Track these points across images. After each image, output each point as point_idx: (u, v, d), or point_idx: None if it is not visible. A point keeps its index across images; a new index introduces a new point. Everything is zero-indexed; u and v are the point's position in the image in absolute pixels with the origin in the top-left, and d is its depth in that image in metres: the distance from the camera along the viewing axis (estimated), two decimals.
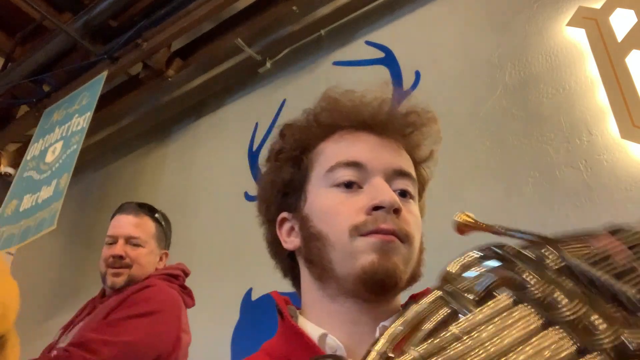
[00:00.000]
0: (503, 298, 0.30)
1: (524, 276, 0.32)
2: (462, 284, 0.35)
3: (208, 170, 2.79)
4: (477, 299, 0.32)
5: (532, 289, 0.31)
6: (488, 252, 0.38)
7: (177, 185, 2.90)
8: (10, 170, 3.52)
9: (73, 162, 2.46)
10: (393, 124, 0.71)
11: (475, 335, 0.27)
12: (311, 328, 0.63)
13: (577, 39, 1.77)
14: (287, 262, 0.72)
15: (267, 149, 0.77)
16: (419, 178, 0.73)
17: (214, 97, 3.04)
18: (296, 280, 0.72)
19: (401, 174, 0.68)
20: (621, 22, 1.69)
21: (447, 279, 0.35)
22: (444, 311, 0.31)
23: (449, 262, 0.37)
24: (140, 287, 1.46)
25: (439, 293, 0.33)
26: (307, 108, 0.75)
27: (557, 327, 0.28)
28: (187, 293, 1.61)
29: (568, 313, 0.29)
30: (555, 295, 0.30)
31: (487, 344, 0.27)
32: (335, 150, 0.68)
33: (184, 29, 2.66)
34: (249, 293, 2.19)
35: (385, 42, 2.35)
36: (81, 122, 2.65)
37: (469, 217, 0.51)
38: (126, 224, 1.60)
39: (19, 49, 3.45)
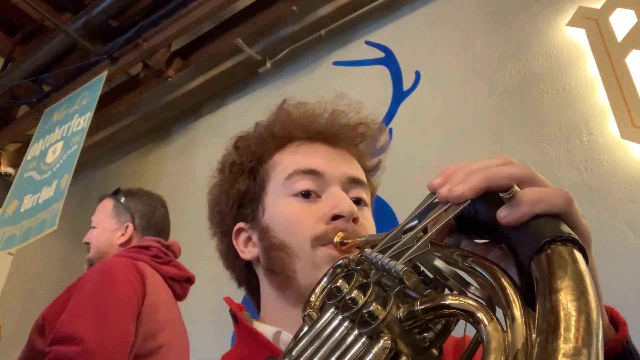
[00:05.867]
0: (327, 312, 0.37)
1: (338, 284, 0.38)
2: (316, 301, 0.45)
3: (208, 170, 2.79)
4: (316, 316, 0.39)
5: (341, 293, 0.37)
6: (337, 269, 0.47)
7: (177, 185, 2.90)
8: (10, 170, 3.52)
9: (74, 163, 2.46)
10: (345, 135, 0.73)
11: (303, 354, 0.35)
12: (265, 328, 0.64)
13: (577, 39, 1.77)
14: (244, 272, 0.73)
15: (218, 160, 0.78)
16: (369, 185, 0.75)
17: (214, 97, 3.04)
18: (252, 290, 0.73)
19: (356, 181, 0.70)
20: (621, 22, 1.69)
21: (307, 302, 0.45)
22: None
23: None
24: (87, 273, 1.42)
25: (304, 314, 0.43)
26: (260, 120, 0.77)
27: (347, 323, 0.34)
28: (163, 262, 1.54)
29: (357, 307, 0.33)
30: (352, 294, 0.35)
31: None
32: (292, 160, 0.70)
33: (184, 29, 2.66)
34: None
35: (385, 42, 2.35)
36: (81, 122, 2.64)
37: (342, 236, 0.62)
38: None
39: (19, 49, 3.45)
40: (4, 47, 3.51)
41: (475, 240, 0.42)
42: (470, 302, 0.30)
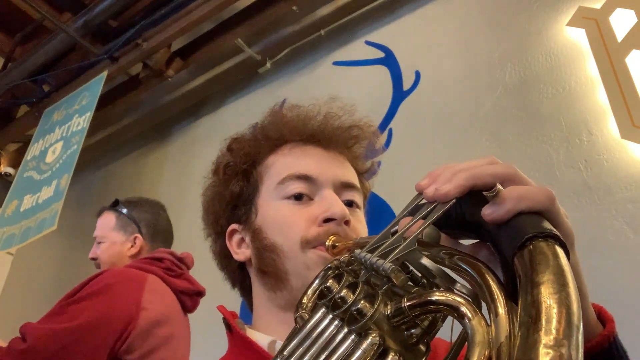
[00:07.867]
0: (318, 312, 0.37)
1: (328, 284, 0.38)
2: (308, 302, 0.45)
3: (208, 170, 2.79)
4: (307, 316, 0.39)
5: (331, 293, 0.37)
6: (329, 271, 0.47)
7: (177, 185, 2.90)
8: (10, 170, 3.52)
9: (73, 163, 2.46)
10: (338, 137, 0.74)
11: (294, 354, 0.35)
12: (260, 336, 0.65)
13: (577, 39, 1.77)
14: (238, 273, 0.74)
15: (212, 162, 0.78)
16: (362, 188, 0.75)
17: (214, 97, 3.04)
18: (245, 291, 0.74)
19: (348, 186, 0.70)
20: (621, 22, 1.69)
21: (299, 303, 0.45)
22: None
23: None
24: (94, 275, 1.42)
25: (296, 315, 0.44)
26: (254, 122, 0.78)
27: (337, 322, 0.35)
28: (175, 275, 1.54)
29: (346, 306, 0.34)
30: (342, 293, 0.35)
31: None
32: (285, 164, 0.70)
33: (184, 29, 2.66)
34: None
35: (385, 42, 2.35)
36: (81, 122, 2.64)
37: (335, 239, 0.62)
38: (96, 227, 1.69)
39: (19, 49, 3.45)
40: (4, 47, 3.51)
41: (460, 240, 0.43)
42: (456, 297, 0.30)
